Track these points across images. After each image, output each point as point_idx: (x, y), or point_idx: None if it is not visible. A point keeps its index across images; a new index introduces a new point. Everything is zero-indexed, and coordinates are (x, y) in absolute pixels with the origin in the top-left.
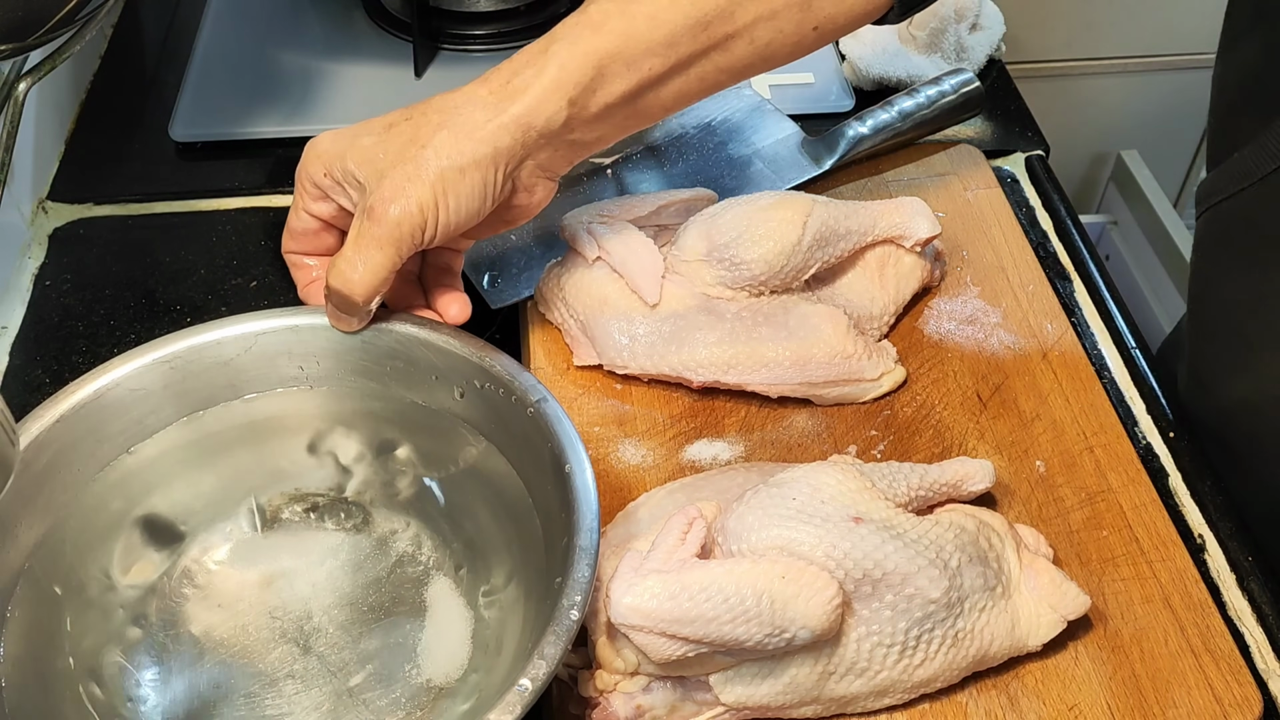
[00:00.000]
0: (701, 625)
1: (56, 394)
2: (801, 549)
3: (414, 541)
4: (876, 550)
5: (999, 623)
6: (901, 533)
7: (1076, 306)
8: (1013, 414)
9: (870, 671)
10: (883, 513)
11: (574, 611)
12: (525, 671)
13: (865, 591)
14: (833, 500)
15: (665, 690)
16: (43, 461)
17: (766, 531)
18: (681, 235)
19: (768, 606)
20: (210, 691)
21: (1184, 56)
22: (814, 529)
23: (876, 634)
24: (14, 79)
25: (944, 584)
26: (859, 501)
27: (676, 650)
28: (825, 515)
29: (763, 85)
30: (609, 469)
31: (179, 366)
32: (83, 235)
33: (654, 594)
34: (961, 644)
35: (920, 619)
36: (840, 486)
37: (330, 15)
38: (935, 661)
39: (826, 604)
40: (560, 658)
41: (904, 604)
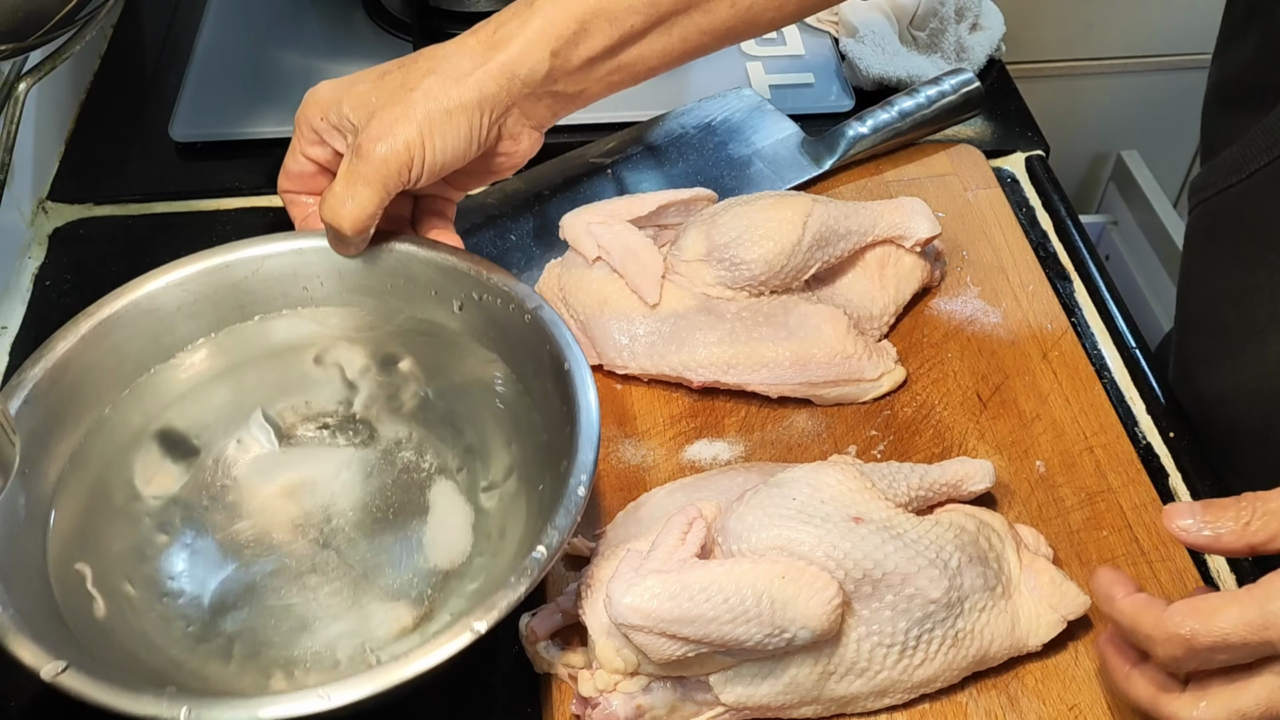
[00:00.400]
0: (701, 625)
1: (78, 315)
2: (802, 549)
3: (417, 450)
4: (877, 550)
5: (999, 623)
6: (901, 533)
7: (1076, 306)
8: (1013, 414)
9: (870, 671)
10: (883, 513)
11: (580, 489)
12: (540, 541)
13: (865, 591)
14: (833, 500)
15: (665, 690)
16: (68, 378)
17: (767, 531)
18: (681, 235)
19: (768, 607)
20: (237, 587)
21: (1184, 56)
22: (814, 529)
23: (877, 634)
24: (14, 79)
25: (944, 584)
26: (859, 501)
27: (676, 650)
28: (825, 515)
29: (763, 85)
30: (609, 469)
31: (191, 289)
32: (83, 235)
33: (654, 594)
34: (962, 644)
35: (920, 619)
36: (840, 486)
37: (330, 15)
38: (935, 661)
39: (827, 604)
40: (570, 529)
41: (904, 604)
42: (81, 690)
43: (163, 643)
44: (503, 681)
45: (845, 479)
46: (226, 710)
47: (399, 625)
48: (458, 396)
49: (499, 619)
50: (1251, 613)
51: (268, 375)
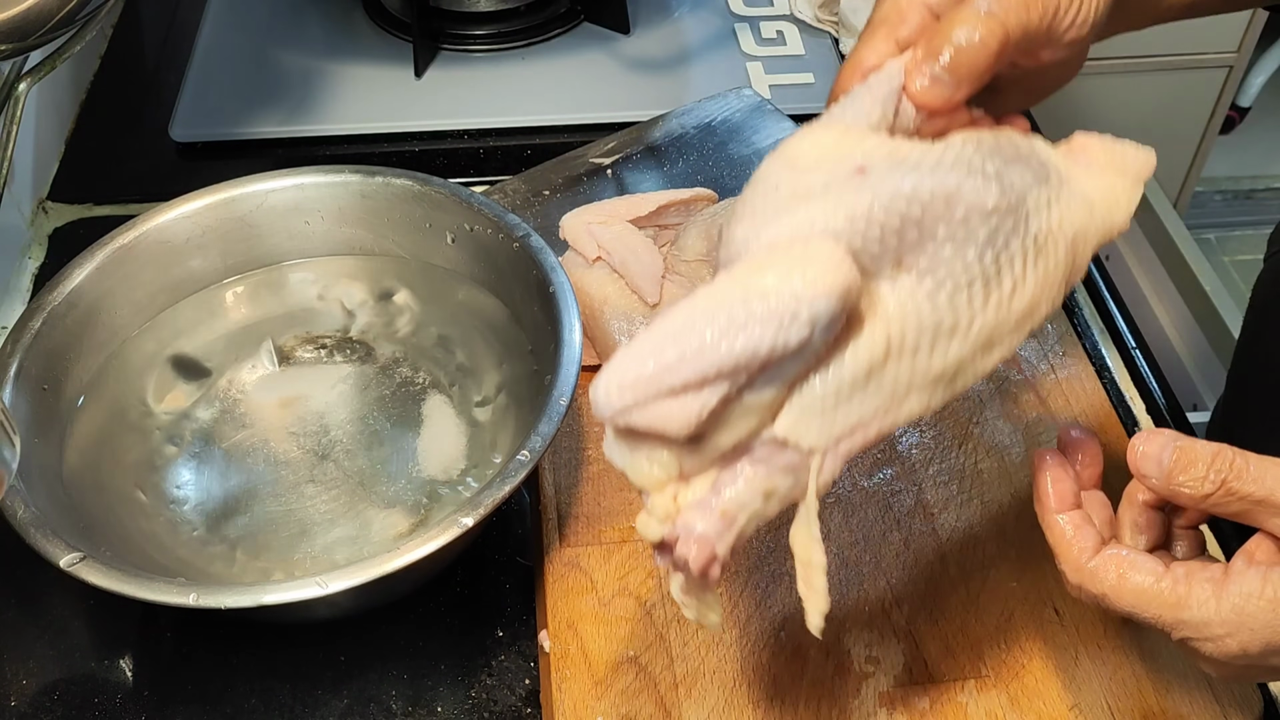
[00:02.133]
0: (698, 359)
1: (93, 245)
2: (815, 229)
3: (412, 368)
4: (900, 187)
5: (1075, 210)
6: (917, 162)
7: (1076, 306)
8: (1013, 414)
9: (962, 325)
10: (883, 149)
11: (563, 400)
12: (524, 446)
13: (912, 239)
14: (820, 164)
15: (741, 478)
16: (84, 303)
17: (765, 234)
18: (681, 235)
19: (760, 300)
20: (241, 492)
21: (1184, 56)
22: (816, 204)
23: (949, 278)
24: (14, 79)
25: (994, 188)
26: (850, 151)
27: (693, 405)
28: (823, 184)
29: (763, 85)
30: (609, 469)
31: (200, 221)
32: (83, 235)
33: (627, 359)
34: (1046, 248)
35: (989, 238)
36: (820, 147)
37: (330, 15)
38: (1029, 281)
39: (829, 265)
40: (552, 435)
41: (962, 231)
42: (96, 580)
43: (171, 544)
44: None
45: (819, 137)
46: (231, 596)
47: (395, 531)
48: (450, 322)
49: (485, 515)
50: (1165, 611)
51: (272, 304)
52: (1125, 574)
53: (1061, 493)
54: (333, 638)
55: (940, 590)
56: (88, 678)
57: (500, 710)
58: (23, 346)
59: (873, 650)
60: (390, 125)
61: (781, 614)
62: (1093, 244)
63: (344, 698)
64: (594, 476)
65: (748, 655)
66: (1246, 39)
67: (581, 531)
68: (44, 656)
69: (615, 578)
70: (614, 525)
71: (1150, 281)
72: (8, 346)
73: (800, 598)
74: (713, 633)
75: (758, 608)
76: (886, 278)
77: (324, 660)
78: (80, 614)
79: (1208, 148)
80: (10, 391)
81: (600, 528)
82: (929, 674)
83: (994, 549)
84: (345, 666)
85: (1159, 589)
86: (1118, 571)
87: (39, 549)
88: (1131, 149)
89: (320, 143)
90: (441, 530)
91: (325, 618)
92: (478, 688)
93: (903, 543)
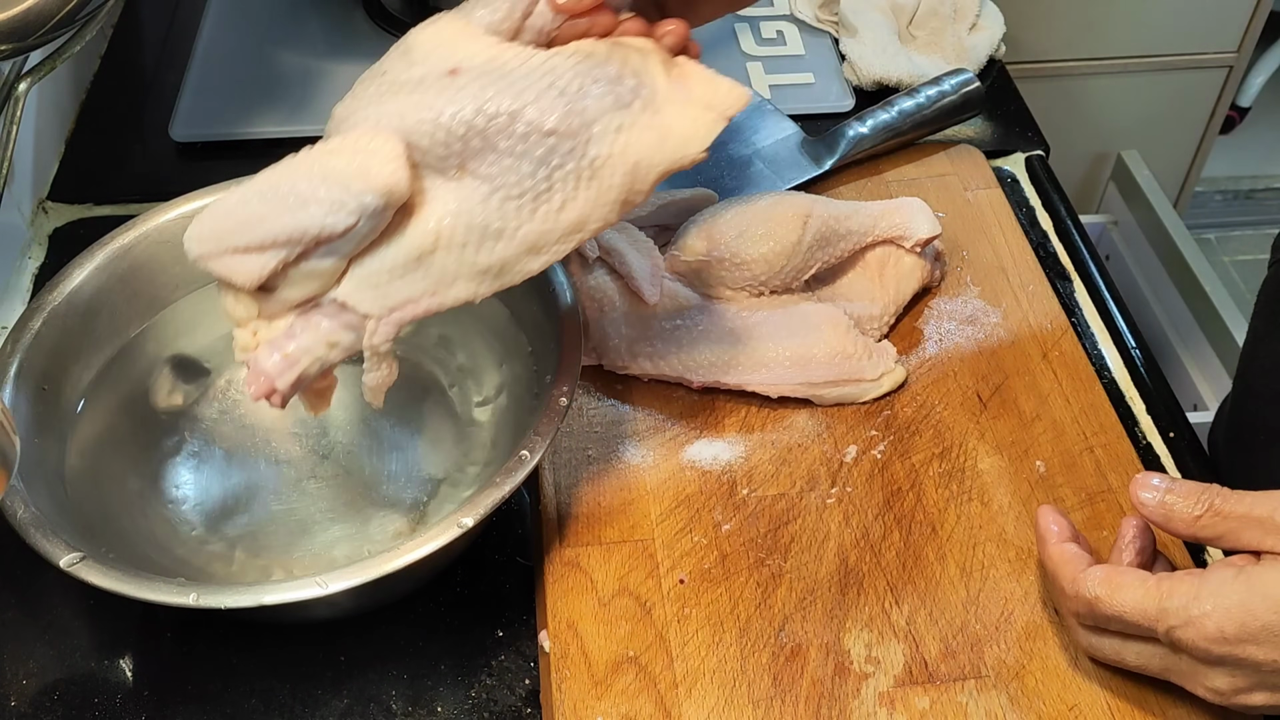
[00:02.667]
0: (262, 225)
1: (93, 244)
2: (394, 123)
3: (412, 368)
4: (475, 98)
5: (644, 139)
6: (508, 71)
7: (1076, 306)
8: (1013, 414)
9: (509, 230)
10: (485, 54)
11: (562, 399)
12: (523, 445)
13: (476, 146)
14: (425, 60)
15: (311, 329)
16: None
17: (361, 115)
18: (681, 235)
19: (321, 183)
20: (241, 491)
21: (1184, 56)
22: (404, 98)
23: (502, 188)
24: (14, 79)
25: (558, 110)
26: (455, 51)
27: (254, 263)
28: (419, 79)
29: (763, 85)
30: (609, 469)
31: None
32: (83, 235)
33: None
34: (602, 173)
35: (543, 157)
36: (434, 41)
37: (330, 15)
38: (580, 199)
39: (384, 164)
40: (552, 435)
41: (520, 145)
42: (96, 580)
43: (171, 544)
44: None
45: (440, 29)
46: (231, 596)
47: (395, 530)
48: (451, 322)
49: (485, 515)
50: (1150, 602)
51: None
52: (1115, 577)
53: (1060, 530)
54: (333, 638)
55: (940, 590)
56: (88, 678)
57: (500, 710)
58: (23, 346)
59: (873, 650)
60: None
61: (782, 614)
62: (658, 171)
63: (344, 698)
64: (594, 476)
65: (748, 655)
66: (1246, 39)
67: (581, 531)
68: (44, 656)
69: (615, 578)
70: (614, 525)
71: (1150, 281)
72: (8, 346)
73: (799, 597)
74: (713, 633)
75: (758, 608)
76: (451, 178)
77: (324, 660)
78: (80, 614)
79: (1208, 148)
80: (10, 391)
81: (600, 528)
82: (929, 674)
83: (994, 549)
84: (345, 666)
85: (1145, 585)
86: (1108, 576)
87: (39, 549)
88: (725, 85)
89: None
90: (441, 530)
91: (325, 618)
92: (478, 688)
93: (903, 543)
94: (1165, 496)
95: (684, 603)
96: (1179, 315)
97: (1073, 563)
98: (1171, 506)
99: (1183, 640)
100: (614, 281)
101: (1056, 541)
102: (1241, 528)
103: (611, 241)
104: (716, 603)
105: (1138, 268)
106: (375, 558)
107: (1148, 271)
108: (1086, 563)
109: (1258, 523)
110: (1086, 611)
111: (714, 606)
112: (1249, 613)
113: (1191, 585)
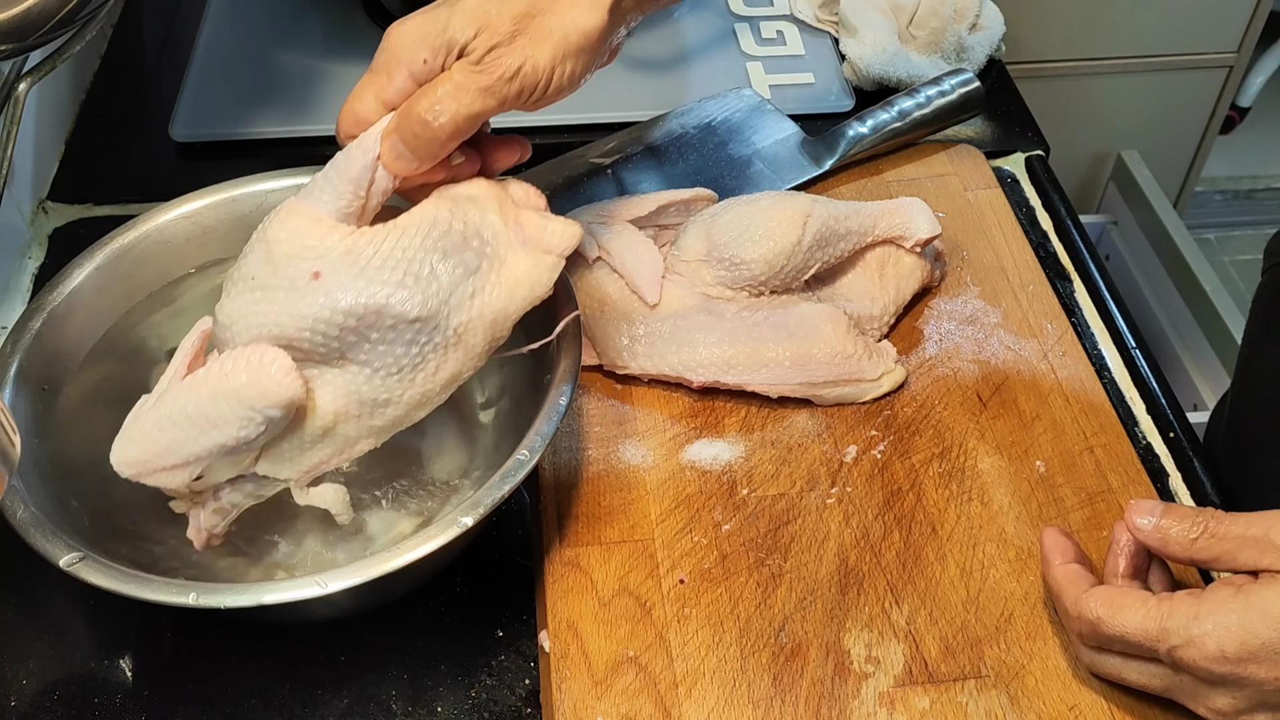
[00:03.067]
0: (180, 449)
1: (93, 245)
2: (275, 331)
3: None
4: (341, 301)
5: (496, 296)
6: (365, 263)
7: (1076, 306)
8: (1013, 414)
9: (395, 398)
10: (339, 248)
11: (562, 400)
12: (523, 445)
13: (351, 340)
14: (287, 260)
15: (239, 489)
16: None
17: (243, 324)
18: (681, 235)
19: (226, 405)
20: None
21: (1184, 56)
22: (278, 306)
23: (382, 369)
24: (14, 79)
25: (418, 299)
26: (312, 248)
27: (181, 475)
28: (289, 284)
29: (763, 85)
30: (609, 469)
31: (200, 222)
32: (83, 235)
33: (131, 441)
34: (466, 336)
35: (412, 339)
36: (291, 240)
37: (330, 15)
38: (450, 360)
39: (277, 376)
40: (552, 435)
41: (390, 334)
42: (96, 580)
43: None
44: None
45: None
46: (231, 595)
47: (398, 532)
48: None
49: (485, 515)
50: (1151, 623)
51: None
52: (1116, 598)
53: (1064, 550)
54: (333, 638)
55: (940, 590)
56: (88, 678)
57: (500, 710)
58: (23, 346)
59: (873, 650)
60: None
61: (782, 614)
62: (514, 318)
63: (344, 698)
64: (594, 476)
65: (748, 655)
66: (1246, 39)
67: (581, 531)
68: (44, 656)
69: (615, 578)
70: (614, 525)
71: (1150, 281)
72: (8, 346)
73: (799, 597)
74: (713, 633)
75: (758, 608)
76: (334, 365)
77: (324, 660)
78: (80, 614)
79: (1208, 148)
80: (10, 391)
81: (600, 528)
82: (929, 674)
83: (994, 549)
84: (345, 666)
85: (1146, 606)
86: (1110, 597)
87: (39, 549)
88: (558, 225)
89: (320, 143)
90: (441, 530)
91: (325, 618)
92: (478, 688)
93: (903, 543)
94: (1161, 521)
95: (684, 603)
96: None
97: (1076, 583)
98: (1167, 531)
99: (1184, 660)
100: (614, 281)
101: (1061, 563)
102: (1238, 548)
103: (611, 241)
104: (716, 603)
105: (1138, 268)
106: (375, 557)
107: (1148, 271)
108: (1090, 583)
109: (1253, 542)
110: (1089, 631)
111: (714, 606)
112: (1249, 631)
113: (1191, 605)
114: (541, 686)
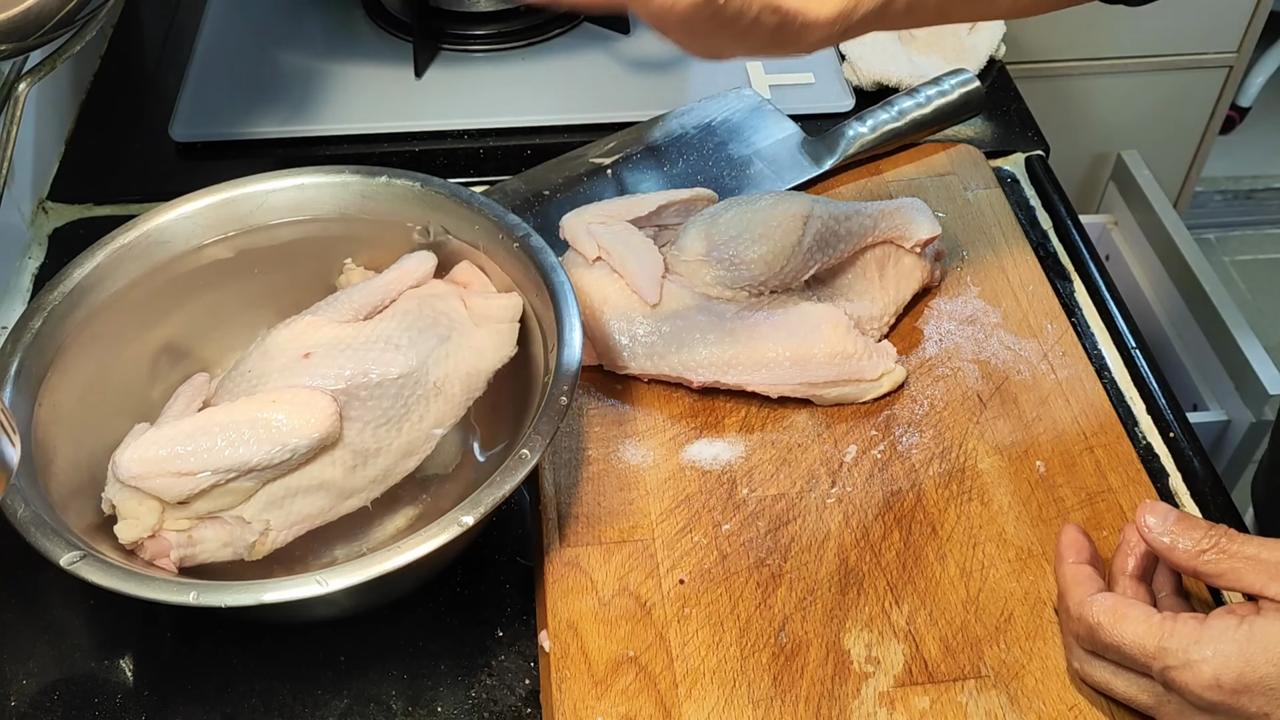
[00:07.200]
0: (201, 457)
1: (92, 245)
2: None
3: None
4: (332, 368)
5: (467, 357)
6: (350, 343)
7: (1076, 306)
8: (1013, 414)
9: (384, 447)
10: (329, 336)
11: (563, 398)
12: (523, 444)
13: (342, 400)
14: (280, 350)
15: (214, 529)
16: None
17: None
18: (681, 235)
19: (264, 428)
20: None
21: (1184, 56)
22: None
23: (372, 421)
24: (14, 79)
25: (399, 360)
26: (303, 341)
27: (188, 485)
28: (280, 367)
29: (763, 85)
30: (609, 469)
31: (200, 222)
32: (83, 235)
33: (154, 442)
34: (445, 387)
35: (397, 393)
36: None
37: (330, 15)
38: (433, 409)
39: (319, 415)
40: (552, 435)
41: (378, 390)
42: (96, 579)
43: None
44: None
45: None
46: (230, 594)
47: (395, 529)
48: None
49: (485, 514)
50: (1150, 639)
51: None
52: (1120, 608)
53: (1079, 549)
54: (333, 638)
55: (940, 590)
56: (88, 678)
57: (500, 710)
58: (23, 346)
59: (873, 650)
60: (390, 125)
61: (782, 614)
62: (486, 375)
63: (344, 698)
64: (594, 476)
65: (748, 655)
66: (1246, 39)
67: (581, 531)
68: (44, 656)
69: (615, 578)
70: (614, 525)
71: (1150, 281)
72: (8, 346)
73: (799, 597)
74: (713, 633)
75: (758, 608)
76: None
77: (324, 660)
78: (80, 614)
79: (1208, 148)
80: (10, 391)
81: (600, 528)
82: (929, 674)
83: (994, 549)
84: (345, 666)
85: (1149, 621)
86: (1114, 605)
87: (39, 548)
88: (500, 301)
89: (320, 143)
90: (441, 529)
91: (325, 617)
92: (478, 688)
93: (903, 543)
94: (1172, 526)
95: (684, 603)
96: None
97: (1083, 585)
98: (1177, 536)
99: (1177, 681)
100: (614, 281)
101: (1073, 561)
102: (1247, 569)
103: (611, 241)
104: (716, 603)
105: (1138, 268)
106: (375, 556)
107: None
108: (1097, 587)
109: (1264, 566)
110: (1086, 635)
111: (714, 606)
112: (1248, 663)
113: (1193, 629)
114: (541, 686)
